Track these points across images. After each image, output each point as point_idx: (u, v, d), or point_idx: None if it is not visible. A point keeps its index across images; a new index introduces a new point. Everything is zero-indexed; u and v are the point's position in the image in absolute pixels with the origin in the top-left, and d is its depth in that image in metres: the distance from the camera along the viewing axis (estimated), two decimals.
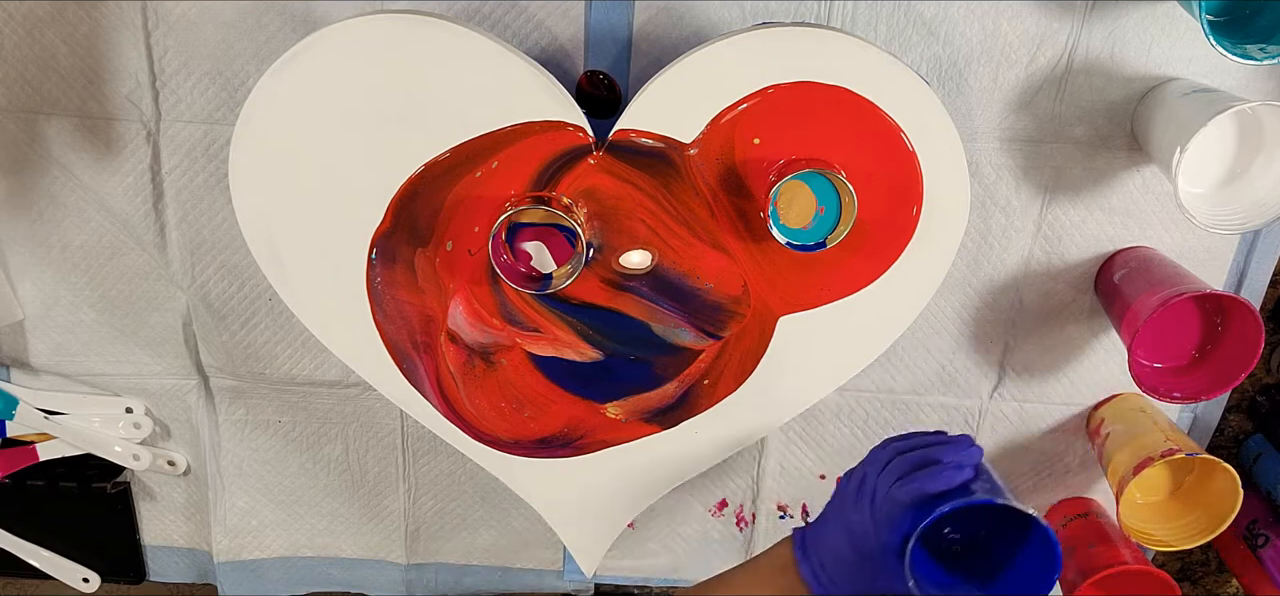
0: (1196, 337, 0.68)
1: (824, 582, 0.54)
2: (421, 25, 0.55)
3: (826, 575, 0.54)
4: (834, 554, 0.53)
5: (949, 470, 0.50)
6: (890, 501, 0.51)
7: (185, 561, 0.86)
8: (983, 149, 0.67)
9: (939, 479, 0.50)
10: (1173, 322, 0.67)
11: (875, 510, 0.51)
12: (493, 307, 0.63)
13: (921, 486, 0.50)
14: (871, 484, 0.52)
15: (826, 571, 0.54)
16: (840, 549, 0.53)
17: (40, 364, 0.75)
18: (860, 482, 0.53)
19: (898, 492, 0.50)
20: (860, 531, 0.52)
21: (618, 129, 0.58)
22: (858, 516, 0.52)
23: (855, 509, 0.53)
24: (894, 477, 0.51)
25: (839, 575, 0.53)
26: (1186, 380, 0.67)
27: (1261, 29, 0.57)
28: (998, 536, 0.53)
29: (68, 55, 0.64)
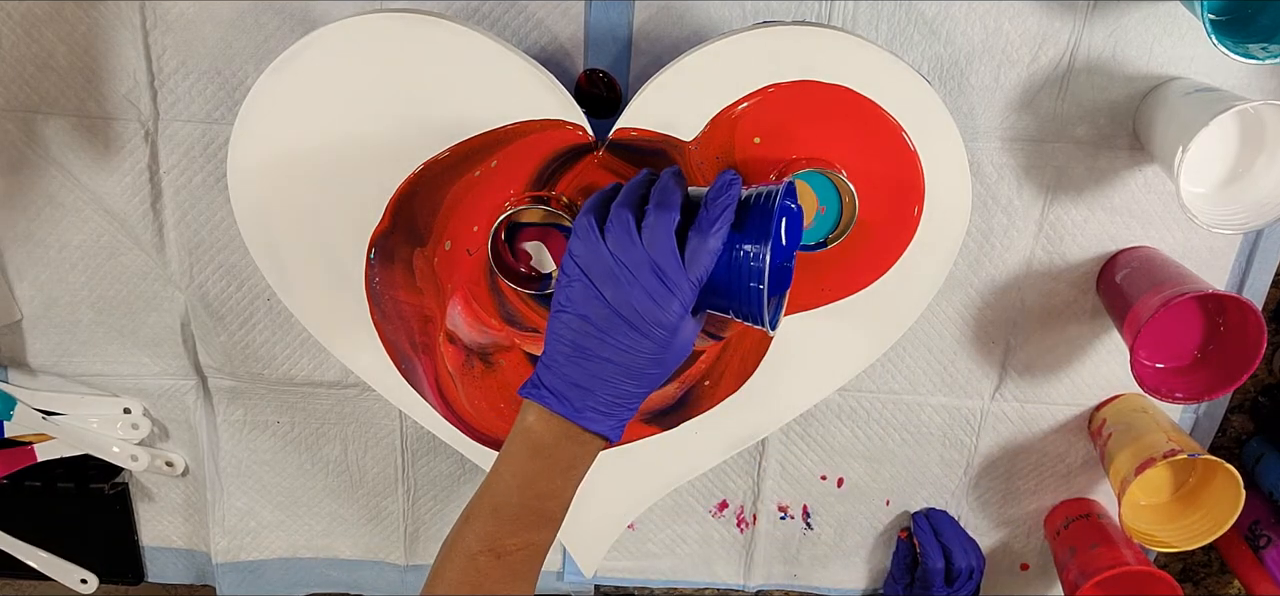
0: (1198, 338, 0.67)
1: (580, 403, 0.47)
2: (420, 24, 0.55)
3: (583, 395, 0.47)
4: (600, 364, 0.46)
5: (727, 189, 0.47)
6: (706, 254, 0.46)
7: (184, 562, 0.86)
8: (984, 148, 0.67)
9: (715, 217, 0.46)
10: (1175, 323, 0.67)
11: (671, 276, 0.45)
12: (491, 308, 0.63)
13: (725, 218, 0.46)
14: (640, 257, 0.45)
15: (586, 390, 0.47)
16: (614, 349, 0.46)
17: (38, 364, 0.75)
18: (612, 267, 0.46)
19: (713, 242, 0.46)
20: (649, 309, 0.45)
21: (618, 127, 0.58)
22: (638, 297, 0.45)
23: (627, 294, 0.45)
24: (669, 230, 0.46)
25: (604, 385, 0.47)
26: (1188, 380, 0.67)
27: (1263, 28, 0.57)
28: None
29: (66, 54, 0.64)
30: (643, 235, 0.46)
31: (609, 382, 0.47)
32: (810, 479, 0.81)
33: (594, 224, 0.47)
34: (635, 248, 0.46)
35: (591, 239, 0.47)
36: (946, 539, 0.78)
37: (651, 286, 0.46)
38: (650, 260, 0.46)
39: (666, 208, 0.46)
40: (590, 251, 0.47)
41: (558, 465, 0.49)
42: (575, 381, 0.47)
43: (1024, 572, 0.86)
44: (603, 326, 0.46)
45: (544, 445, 0.49)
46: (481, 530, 0.50)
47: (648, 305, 0.46)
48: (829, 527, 0.83)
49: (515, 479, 0.49)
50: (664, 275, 0.46)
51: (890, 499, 0.82)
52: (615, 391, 0.47)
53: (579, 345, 0.47)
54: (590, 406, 0.48)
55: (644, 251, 0.46)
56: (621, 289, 0.46)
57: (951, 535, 0.79)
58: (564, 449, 0.49)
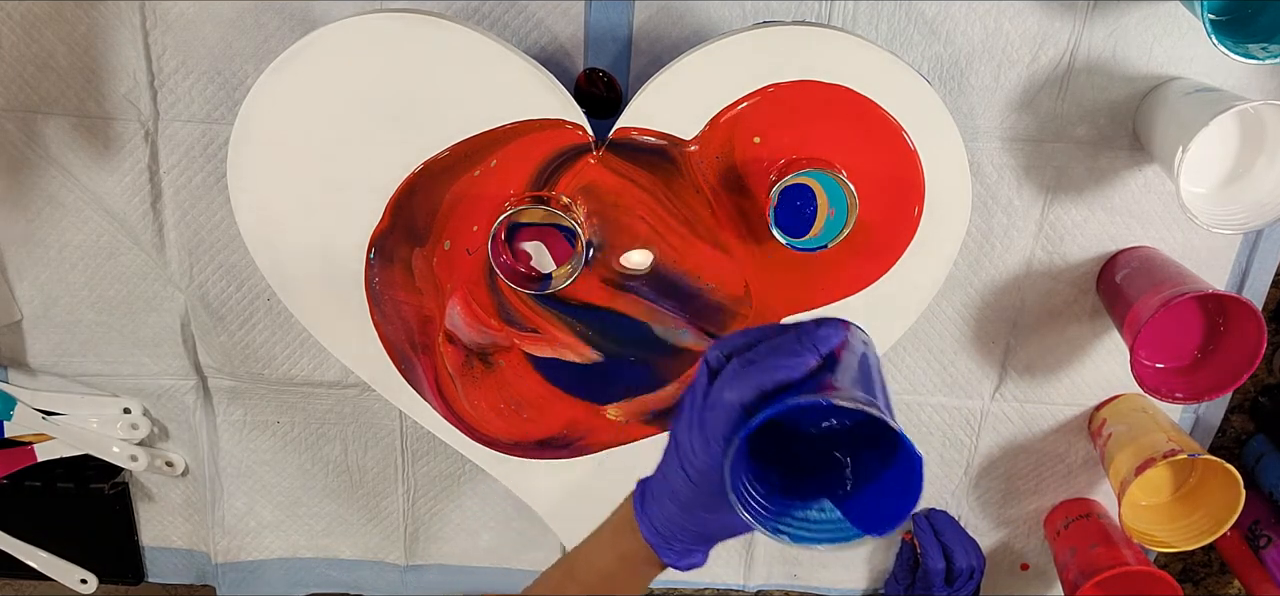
0: (1199, 338, 0.67)
1: (661, 530, 0.45)
2: (420, 24, 0.55)
3: (663, 519, 0.44)
4: (668, 492, 0.44)
5: (788, 360, 0.39)
6: (718, 406, 0.40)
7: (184, 562, 0.86)
8: (984, 148, 0.67)
9: (776, 370, 0.39)
10: (1175, 323, 0.67)
11: (704, 423, 0.40)
12: (490, 308, 0.63)
13: (757, 382, 0.39)
14: (699, 394, 0.41)
15: (663, 515, 0.44)
16: (673, 484, 0.43)
17: (38, 364, 0.75)
18: (689, 396, 0.42)
19: (726, 394, 0.40)
20: (688, 453, 0.42)
21: (618, 127, 0.58)
22: (686, 436, 0.42)
23: (685, 429, 0.42)
24: (727, 381, 0.40)
25: (674, 517, 0.44)
26: (1189, 380, 0.67)
27: (1263, 28, 0.57)
28: (870, 447, 0.43)
29: (66, 54, 0.64)
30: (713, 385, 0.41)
31: (667, 505, 0.45)
32: None
33: (708, 364, 0.42)
34: (703, 386, 0.42)
35: (702, 379, 0.43)
36: (947, 539, 0.78)
37: (693, 426, 0.42)
38: (704, 401, 0.42)
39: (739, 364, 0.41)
40: (696, 388, 0.43)
41: (627, 558, 0.49)
42: (654, 491, 0.46)
43: (1024, 572, 0.86)
44: (669, 452, 0.44)
45: (624, 534, 0.48)
46: (555, 587, 0.53)
47: (685, 440, 0.42)
48: None
49: (598, 551, 0.50)
50: (704, 420, 0.41)
51: None
52: (670, 515, 0.45)
53: (662, 461, 0.45)
54: (652, 518, 0.46)
55: (705, 391, 0.42)
56: (682, 421, 0.43)
57: (952, 535, 0.79)
58: (634, 546, 0.47)
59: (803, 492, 0.42)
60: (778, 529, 0.40)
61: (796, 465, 0.44)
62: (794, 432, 0.43)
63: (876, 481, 0.42)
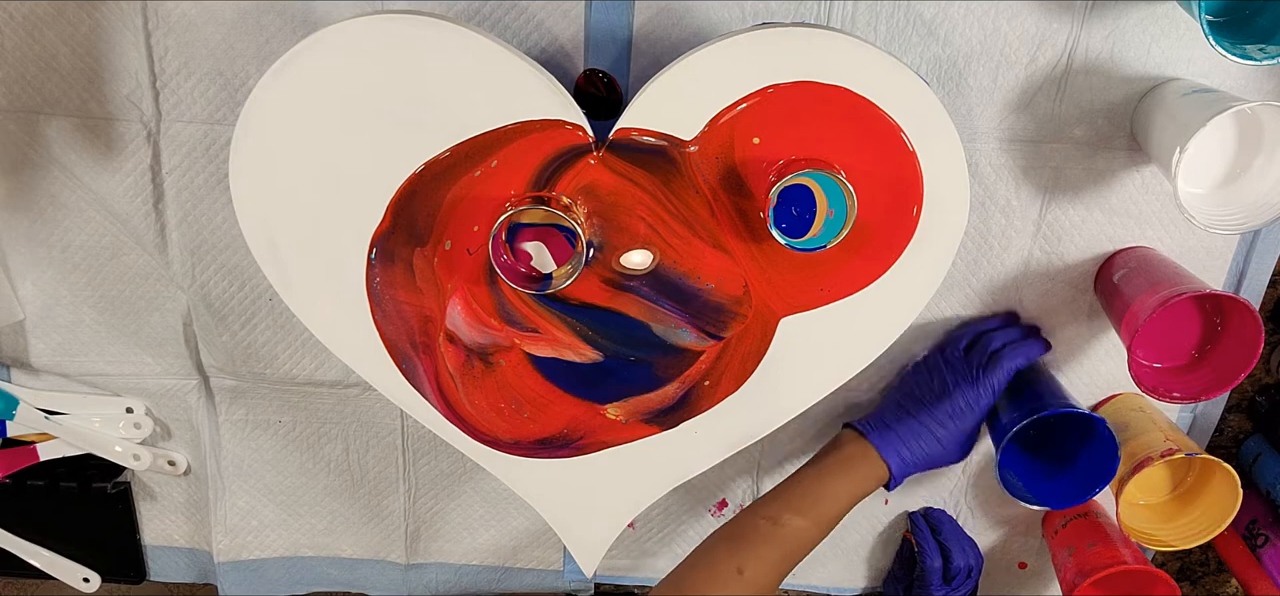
0: (1196, 338, 0.68)
1: (904, 458, 0.66)
2: (421, 25, 0.55)
3: (907, 449, 0.66)
4: (919, 430, 0.66)
5: (1035, 342, 0.69)
6: (995, 374, 0.66)
7: (186, 561, 0.86)
8: (982, 149, 0.67)
9: (1032, 347, 0.68)
10: (1172, 323, 0.67)
11: (975, 385, 0.66)
12: (491, 308, 0.63)
13: (1015, 360, 0.67)
14: (944, 369, 0.68)
15: (907, 446, 0.66)
16: (929, 423, 0.66)
17: (41, 364, 0.75)
18: (943, 368, 0.69)
19: (999, 365, 0.67)
20: (959, 405, 0.66)
21: (618, 127, 0.58)
22: (956, 395, 0.66)
23: (929, 392, 0.67)
24: (982, 357, 0.67)
25: (921, 449, 0.66)
26: (1186, 380, 0.67)
27: (1261, 29, 0.57)
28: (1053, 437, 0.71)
29: (68, 55, 0.64)
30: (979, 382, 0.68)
31: (924, 449, 0.68)
32: None
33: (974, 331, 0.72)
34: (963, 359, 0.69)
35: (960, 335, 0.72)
36: (945, 537, 0.78)
37: (965, 386, 0.68)
38: (980, 369, 0.68)
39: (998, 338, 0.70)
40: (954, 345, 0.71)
41: (858, 480, 0.68)
42: (901, 435, 0.68)
43: (1022, 571, 0.87)
44: (925, 401, 0.69)
45: (857, 470, 0.68)
46: (769, 503, 0.67)
47: (958, 398, 0.68)
48: None
49: (827, 481, 0.67)
50: (981, 380, 0.68)
51: (889, 498, 0.82)
52: (922, 455, 0.68)
53: (909, 410, 0.69)
54: (900, 453, 0.68)
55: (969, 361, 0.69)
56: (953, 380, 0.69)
57: (950, 534, 0.79)
58: (868, 471, 0.68)
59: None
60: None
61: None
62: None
63: (1077, 462, 0.70)
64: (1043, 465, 0.71)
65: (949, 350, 0.70)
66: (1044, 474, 0.71)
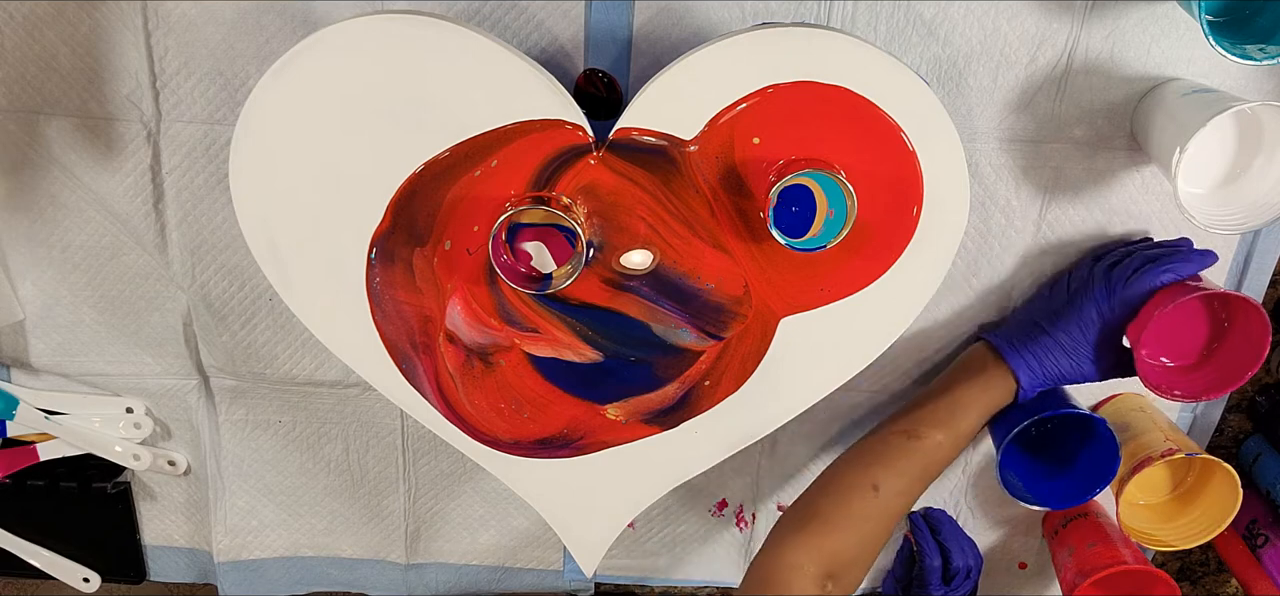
0: (1203, 337, 0.67)
1: (1033, 368, 0.64)
2: (421, 25, 0.55)
3: (1038, 361, 0.64)
4: (1049, 343, 0.64)
5: (1195, 257, 0.63)
6: (1143, 282, 0.62)
7: (186, 561, 0.86)
8: (982, 149, 0.67)
9: (1190, 262, 0.63)
10: (1180, 321, 0.66)
11: (1113, 294, 0.63)
12: (490, 308, 0.63)
13: (1177, 271, 0.62)
14: (1104, 275, 0.64)
15: (1038, 358, 0.64)
16: (1061, 337, 0.64)
17: (41, 364, 0.75)
18: (1088, 277, 0.65)
19: (1150, 276, 0.62)
20: (1091, 316, 0.63)
21: (618, 127, 0.58)
22: (1088, 306, 0.64)
23: (1084, 298, 0.64)
24: (1136, 266, 0.63)
25: (1052, 361, 0.64)
26: (1192, 379, 0.67)
27: (1261, 29, 0.57)
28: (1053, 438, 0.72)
29: (68, 55, 0.64)
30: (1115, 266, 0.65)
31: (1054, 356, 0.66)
32: (810, 478, 0.80)
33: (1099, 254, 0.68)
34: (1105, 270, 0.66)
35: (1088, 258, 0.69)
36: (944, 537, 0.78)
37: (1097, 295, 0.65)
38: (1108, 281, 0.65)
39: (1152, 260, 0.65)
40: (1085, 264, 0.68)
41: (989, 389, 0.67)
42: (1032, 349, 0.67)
43: (1022, 571, 0.87)
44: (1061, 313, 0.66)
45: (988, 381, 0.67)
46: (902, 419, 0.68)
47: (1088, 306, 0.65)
48: None
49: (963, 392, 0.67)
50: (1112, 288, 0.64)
51: None
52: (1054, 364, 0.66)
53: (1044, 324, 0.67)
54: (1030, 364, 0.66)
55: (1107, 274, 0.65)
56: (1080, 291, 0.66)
57: (949, 534, 0.79)
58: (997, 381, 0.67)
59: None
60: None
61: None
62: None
63: (1079, 461, 0.70)
64: (1043, 465, 0.71)
65: (1088, 265, 0.67)
66: (1044, 474, 0.71)
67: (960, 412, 0.65)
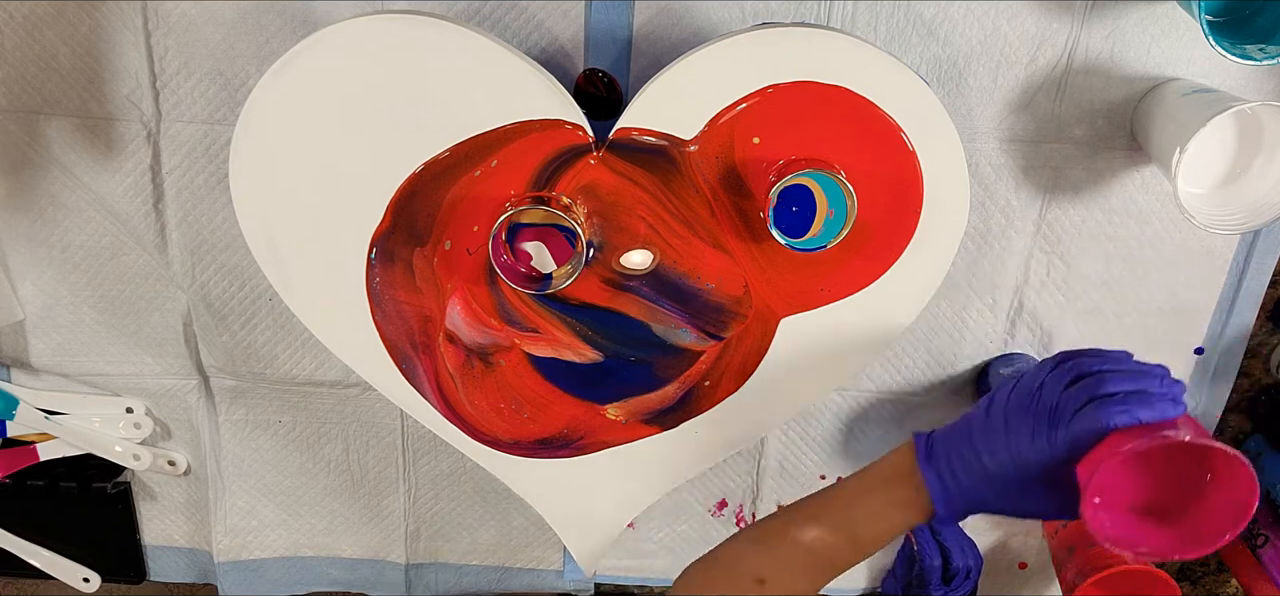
0: (1176, 484, 0.49)
1: (951, 492, 0.51)
2: (421, 25, 0.55)
3: (956, 485, 0.51)
4: (984, 475, 0.50)
5: (1162, 401, 0.46)
6: (1086, 422, 0.46)
7: (186, 561, 0.86)
8: (982, 149, 0.67)
9: (1152, 407, 0.46)
10: (1146, 467, 0.49)
11: (1055, 429, 0.47)
12: (490, 308, 0.63)
13: (1133, 414, 0.46)
14: (1050, 400, 0.48)
15: (958, 481, 0.51)
16: (993, 468, 0.49)
17: (41, 364, 0.75)
18: (1030, 396, 0.49)
19: (1097, 416, 0.46)
20: (1025, 448, 0.48)
21: (618, 127, 0.58)
22: (1023, 432, 0.48)
23: (1020, 422, 0.49)
24: (1085, 398, 0.47)
25: (973, 487, 0.50)
26: (1157, 534, 0.49)
27: (1261, 29, 0.57)
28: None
29: (68, 55, 0.64)
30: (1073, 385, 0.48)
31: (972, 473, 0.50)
32: (810, 478, 0.81)
33: (1061, 359, 0.50)
34: (1058, 389, 0.48)
35: (1046, 364, 0.50)
36: (944, 538, 0.78)
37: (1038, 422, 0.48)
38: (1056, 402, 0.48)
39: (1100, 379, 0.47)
40: (1036, 372, 0.50)
41: (896, 503, 0.53)
42: (951, 451, 0.51)
43: (1022, 571, 0.86)
44: (995, 429, 0.50)
45: (899, 483, 0.53)
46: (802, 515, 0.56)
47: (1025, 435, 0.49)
48: None
49: (863, 493, 0.54)
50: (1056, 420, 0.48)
51: None
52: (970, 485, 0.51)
53: (974, 430, 0.51)
54: (945, 476, 0.51)
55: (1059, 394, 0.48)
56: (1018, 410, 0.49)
57: (949, 534, 0.79)
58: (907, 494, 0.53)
59: None
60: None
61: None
62: None
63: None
64: None
65: (1046, 371, 0.50)
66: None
67: (863, 520, 0.54)
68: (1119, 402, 0.46)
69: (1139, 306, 0.73)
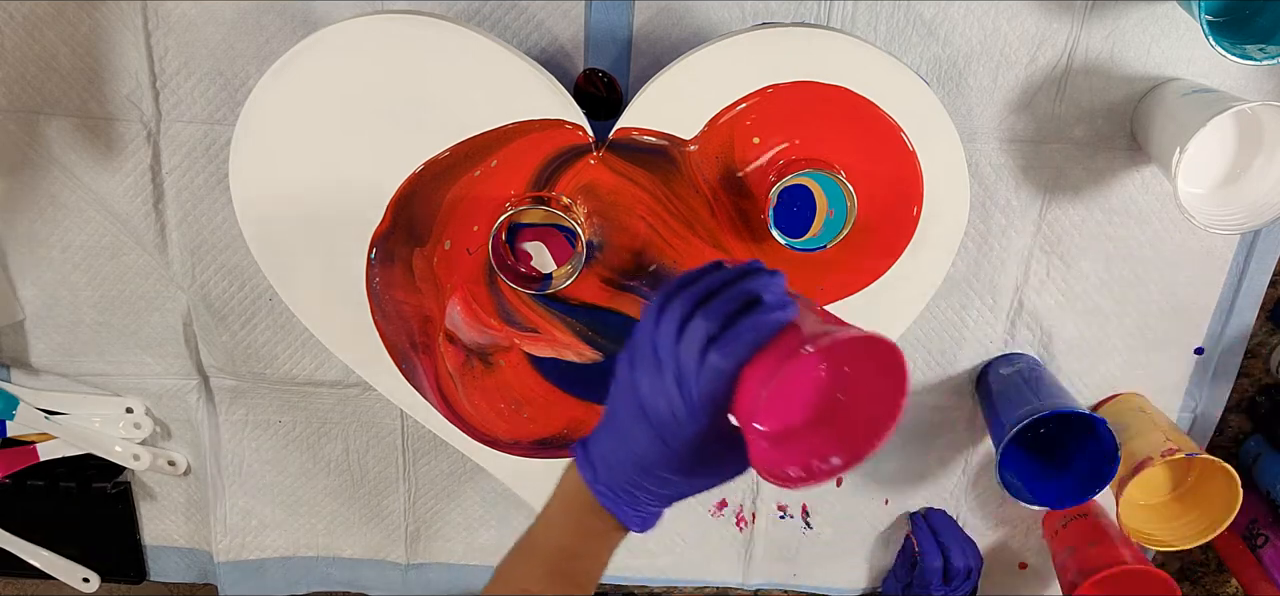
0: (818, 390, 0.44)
1: (623, 495, 0.45)
2: (421, 25, 0.55)
3: (624, 484, 0.45)
4: (632, 458, 0.44)
5: (772, 313, 0.41)
6: (710, 372, 0.40)
7: (185, 561, 0.86)
8: (982, 149, 0.67)
9: (761, 327, 0.41)
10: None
11: (688, 390, 0.41)
12: (490, 308, 0.63)
13: (748, 342, 0.40)
14: (671, 367, 0.42)
15: (625, 479, 0.45)
16: (639, 449, 0.44)
17: (41, 364, 0.75)
18: (655, 373, 0.42)
19: (714, 359, 0.40)
20: (667, 421, 0.42)
21: (618, 127, 0.58)
22: (660, 404, 0.42)
23: (658, 396, 0.42)
24: (701, 341, 0.41)
25: (638, 481, 0.45)
26: (806, 443, 0.44)
27: (1261, 29, 0.57)
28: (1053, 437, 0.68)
29: (68, 55, 0.64)
30: (681, 335, 0.42)
31: (630, 469, 0.45)
32: None
33: (658, 305, 0.43)
34: (672, 345, 0.42)
35: (648, 321, 0.43)
36: (944, 538, 0.78)
37: (669, 390, 0.42)
38: (676, 366, 0.42)
39: (708, 315, 0.41)
40: (643, 331, 0.43)
41: (583, 529, 0.48)
42: (604, 454, 0.46)
43: (1022, 572, 0.87)
44: (632, 412, 0.43)
45: (574, 504, 0.47)
46: (518, 572, 0.49)
47: (664, 410, 0.42)
48: (828, 527, 0.84)
49: (549, 527, 0.49)
50: (681, 384, 0.42)
51: (889, 498, 0.82)
52: (634, 481, 0.45)
53: (615, 419, 0.45)
54: (609, 485, 0.46)
55: (676, 351, 0.42)
56: (652, 379, 0.42)
57: (950, 535, 0.79)
58: (589, 517, 0.47)
59: None
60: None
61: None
62: None
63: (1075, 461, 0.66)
64: (1043, 465, 0.71)
65: (653, 333, 0.43)
66: (1044, 474, 0.71)
67: (583, 566, 0.49)
68: (730, 338, 0.40)
69: (1139, 306, 0.73)
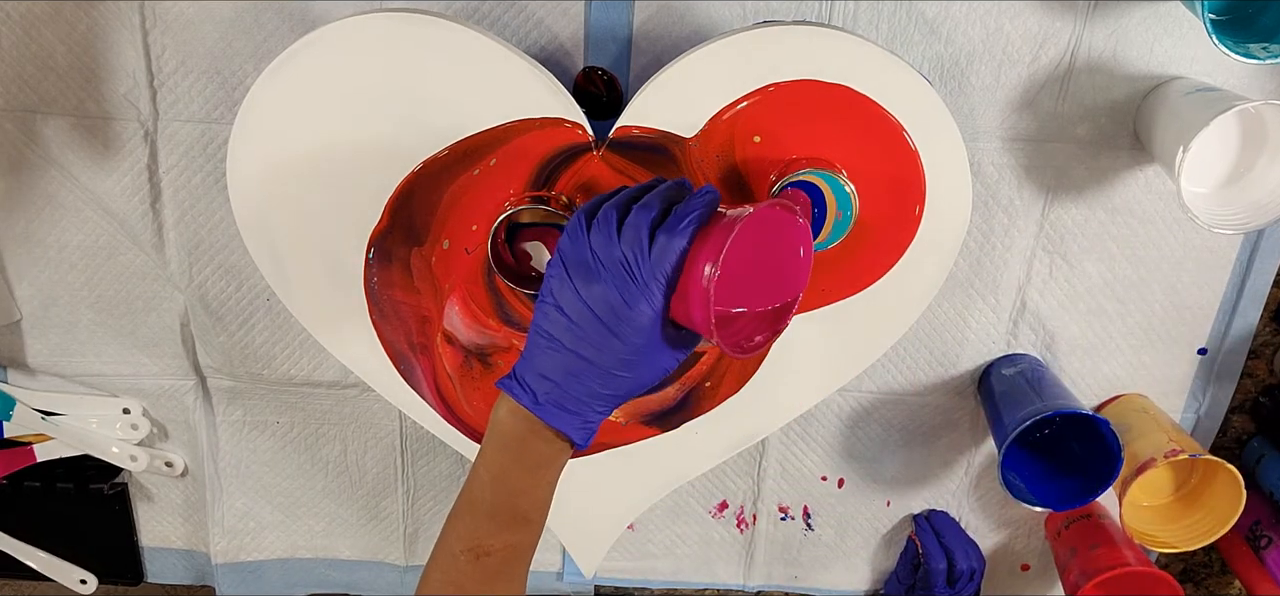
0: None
1: (550, 398, 0.46)
2: (419, 24, 0.55)
3: (553, 389, 0.46)
4: (569, 358, 0.46)
5: (704, 195, 0.46)
6: (661, 250, 0.44)
7: (183, 562, 0.86)
8: (985, 148, 0.67)
9: (705, 203, 0.45)
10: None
11: (640, 274, 0.44)
12: (489, 308, 0.63)
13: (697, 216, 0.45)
14: (612, 256, 0.45)
15: (556, 384, 0.46)
16: (582, 345, 0.45)
17: (37, 364, 0.75)
18: (590, 264, 0.45)
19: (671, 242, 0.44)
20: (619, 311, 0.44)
21: (618, 126, 0.58)
22: (613, 295, 0.45)
23: (597, 292, 0.45)
24: (646, 228, 0.45)
25: (571, 381, 0.46)
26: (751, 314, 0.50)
27: (1264, 28, 0.57)
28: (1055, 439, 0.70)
29: (65, 54, 0.64)
30: (621, 232, 0.45)
31: (576, 379, 0.46)
32: (811, 479, 0.81)
33: (583, 220, 0.46)
34: (612, 244, 0.45)
35: (578, 234, 0.46)
36: (948, 540, 0.78)
37: (620, 282, 0.45)
38: (622, 256, 0.45)
39: (646, 207, 0.46)
40: (573, 245, 0.46)
41: (526, 462, 0.48)
42: (544, 374, 0.47)
43: (1025, 573, 0.86)
44: (575, 320, 0.45)
45: (512, 439, 0.48)
46: (461, 528, 0.49)
47: (616, 301, 0.45)
48: (829, 528, 0.83)
49: (488, 474, 0.49)
50: (632, 271, 0.45)
51: (891, 500, 0.82)
52: (581, 390, 0.46)
53: (553, 338, 0.46)
54: (554, 401, 0.47)
55: (618, 247, 0.45)
56: (594, 284, 0.45)
57: (953, 537, 0.79)
58: (531, 445, 0.48)
59: None
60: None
61: None
62: None
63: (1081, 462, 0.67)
64: (1045, 467, 0.71)
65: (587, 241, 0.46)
66: (1046, 475, 0.71)
67: (528, 499, 0.49)
68: (677, 216, 0.45)
69: (1142, 306, 0.72)
